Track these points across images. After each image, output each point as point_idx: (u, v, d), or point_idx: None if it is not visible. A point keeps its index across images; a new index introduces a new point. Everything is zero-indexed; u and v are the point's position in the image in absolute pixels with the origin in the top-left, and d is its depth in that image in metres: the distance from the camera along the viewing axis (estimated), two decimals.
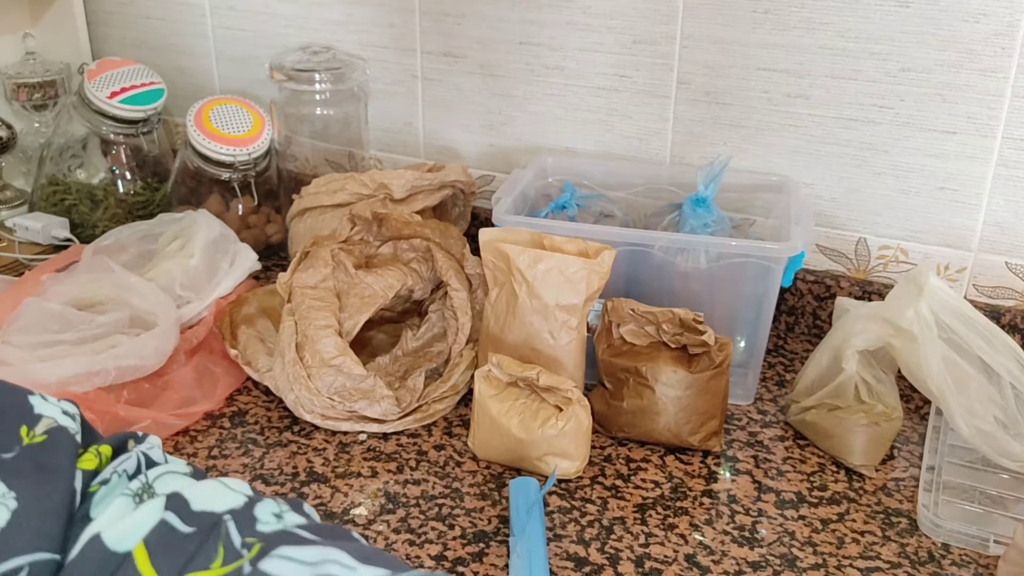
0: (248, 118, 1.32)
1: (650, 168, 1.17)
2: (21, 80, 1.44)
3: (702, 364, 0.92)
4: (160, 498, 0.48)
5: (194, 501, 0.48)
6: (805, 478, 0.90)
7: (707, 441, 0.93)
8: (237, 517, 0.47)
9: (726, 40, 1.10)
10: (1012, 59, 0.98)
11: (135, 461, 0.51)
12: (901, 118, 1.05)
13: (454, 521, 0.84)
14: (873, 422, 0.90)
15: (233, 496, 0.49)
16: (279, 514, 0.49)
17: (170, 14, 1.50)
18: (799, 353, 1.12)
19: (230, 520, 0.47)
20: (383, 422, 0.96)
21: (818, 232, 1.13)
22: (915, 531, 0.83)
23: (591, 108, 1.21)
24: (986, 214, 1.05)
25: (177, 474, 0.51)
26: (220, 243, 1.17)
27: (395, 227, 1.07)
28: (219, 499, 0.49)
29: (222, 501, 0.49)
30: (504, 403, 0.90)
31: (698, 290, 0.98)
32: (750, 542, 0.82)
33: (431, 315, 1.07)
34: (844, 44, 1.04)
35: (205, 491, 0.49)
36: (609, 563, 0.79)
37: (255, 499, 0.50)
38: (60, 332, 1.00)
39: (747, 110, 1.12)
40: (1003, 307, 1.06)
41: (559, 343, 0.93)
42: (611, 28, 1.16)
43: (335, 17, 1.35)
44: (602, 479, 0.90)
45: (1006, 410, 0.89)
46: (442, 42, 1.28)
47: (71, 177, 1.37)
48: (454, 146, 1.34)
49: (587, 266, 0.91)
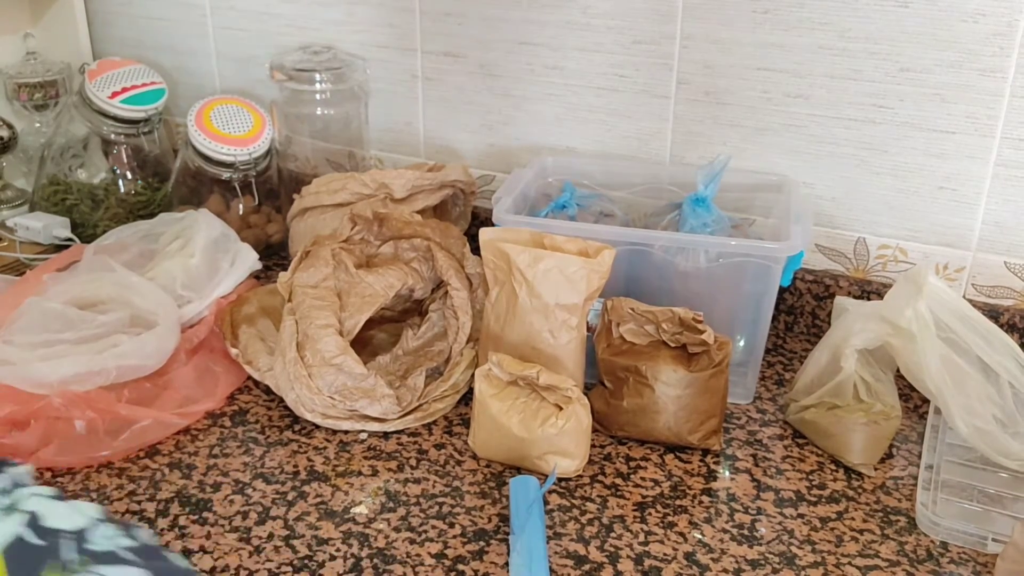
0: (249, 118, 1.32)
1: (650, 168, 1.17)
2: (22, 80, 1.44)
3: (702, 363, 0.92)
4: (23, 515, 0.58)
5: (47, 519, 0.58)
6: (804, 477, 0.91)
7: (706, 440, 0.93)
8: (77, 536, 0.58)
9: (726, 40, 1.10)
10: (1011, 59, 0.98)
11: (9, 481, 0.61)
12: (900, 118, 1.05)
13: (454, 519, 0.84)
14: (872, 421, 0.90)
15: (82, 518, 0.60)
16: (111, 537, 0.59)
17: (170, 14, 1.50)
18: (798, 352, 1.13)
19: (71, 539, 0.57)
20: (384, 421, 0.96)
21: (817, 232, 1.13)
22: (914, 529, 0.84)
23: (591, 108, 1.22)
24: (985, 214, 1.05)
25: (41, 496, 0.61)
26: (221, 243, 1.18)
27: (396, 227, 1.08)
28: (68, 519, 0.59)
29: (71, 521, 0.59)
30: (504, 402, 0.90)
31: (698, 289, 0.99)
32: (749, 540, 0.82)
33: (431, 314, 1.07)
34: (844, 44, 1.05)
35: (58, 511, 0.59)
36: (609, 561, 0.79)
37: (98, 522, 0.60)
38: (61, 331, 1.00)
39: (747, 110, 1.12)
40: (1002, 306, 1.06)
41: (559, 342, 0.93)
42: (611, 28, 1.16)
43: (335, 17, 1.35)
44: (602, 478, 0.90)
45: (1004, 409, 0.89)
46: (442, 42, 1.28)
47: (72, 177, 1.37)
48: (454, 146, 1.34)
49: (587, 265, 0.91)
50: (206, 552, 0.79)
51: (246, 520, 0.84)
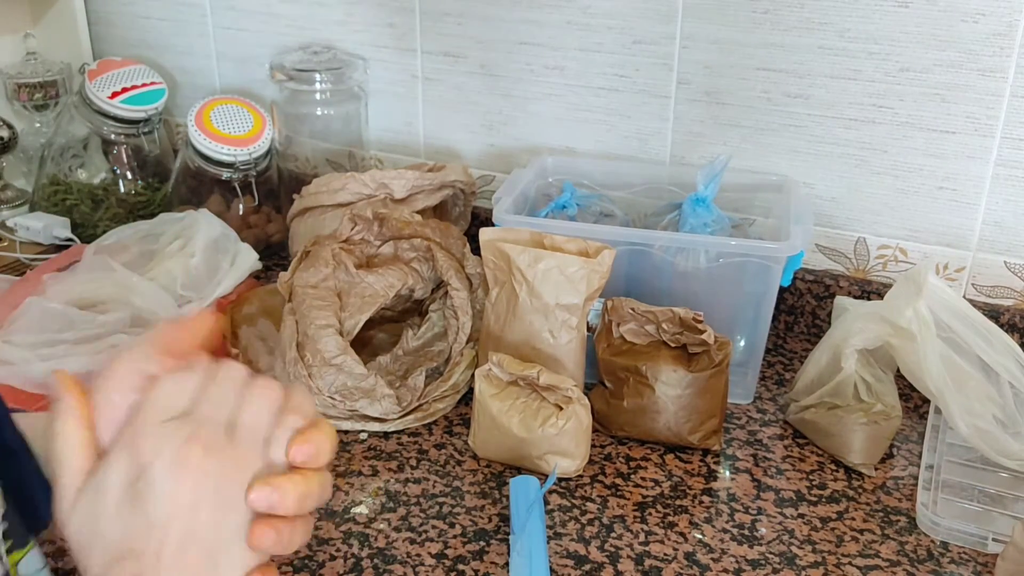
0: (249, 118, 1.32)
1: (650, 168, 1.17)
2: (22, 80, 1.44)
3: (702, 363, 0.92)
4: None
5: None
6: (804, 476, 0.91)
7: (707, 440, 0.93)
8: None
9: (726, 40, 1.10)
10: (1011, 59, 0.98)
11: None
12: (900, 118, 1.05)
13: (455, 519, 0.84)
14: (872, 421, 0.90)
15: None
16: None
17: (171, 14, 1.50)
18: (798, 352, 1.13)
19: None
20: (384, 421, 0.96)
21: (817, 231, 1.13)
22: (914, 529, 0.84)
23: (591, 108, 1.22)
24: (985, 213, 1.05)
25: None
26: (221, 243, 1.18)
27: (396, 227, 1.08)
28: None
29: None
30: (504, 402, 0.90)
31: (698, 289, 0.99)
32: (749, 540, 0.82)
33: (431, 314, 1.07)
34: (844, 44, 1.05)
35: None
36: (609, 561, 0.79)
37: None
38: (61, 331, 1.00)
39: (747, 110, 1.12)
40: (1002, 306, 1.06)
41: (559, 342, 0.93)
42: (611, 28, 1.16)
43: (335, 17, 1.35)
44: (602, 477, 0.90)
45: (1005, 409, 0.90)
46: (442, 42, 1.28)
47: (72, 177, 1.37)
48: (454, 146, 1.34)
49: (587, 265, 0.91)
50: None
51: None
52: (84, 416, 0.43)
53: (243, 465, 0.43)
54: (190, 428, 0.43)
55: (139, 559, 0.41)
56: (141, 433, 0.42)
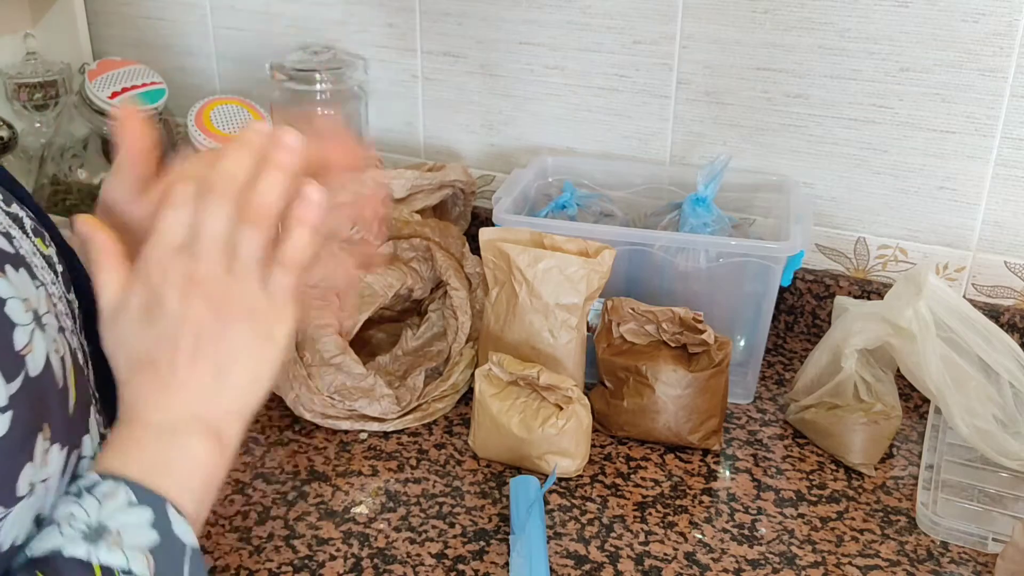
0: (249, 118, 1.32)
1: (650, 168, 1.17)
2: (22, 80, 1.44)
3: (702, 363, 0.92)
4: None
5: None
6: (804, 476, 0.91)
7: (707, 440, 0.93)
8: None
9: (726, 40, 1.10)
10: (1011, 59, 0.98)
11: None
12: (900, 118, 1.05)
13: (455, 519, 0.84)
14: (872, 421, 0.90)
15: None
16: None
17: (170, 14, 1.50)
18: (798, 352, 1.12)
19: None
20: (383, 421, 0.96)
21: (817, 231, 1.13)
22: (914, 529, 0.84)
23: (591, 108, 1.22)
24: (985, 213, 1.05)
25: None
26: None
27: (395, 226, 1.08)
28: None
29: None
30: (504, 402, 0.90)
31: (698, 289, 0.99)
32: (749, 540, 0.82)
33: (431, 314, 1.07)
34: (844, 44, 1.05)
35: None
36: (609, 561, 0.79)
37: None
38: None
39: (747, 110, 1.12)
40: (1002, 306, 1.06)
41: (559, 342, 0.93)
42: (611, 28, 1.16)
43: (335, 17, 1.35)
44: (602, 477, 0.90)
45: (1005, 409, 0.90)
46: (442, 42, 1.28)
47: (72, 177, 1.37)
48: (454, 146, 1.34)
49: (587, 265, 0.91)
50: (206, 552, 0.79)
51: (246, 520, 0.84)
52: (113, 249, 0.52)
53: (240, 290, 0.51)
54: (190, 259, 0.50)
55: (156, 368, 0.50)
56: (153, 262, 0.50)
